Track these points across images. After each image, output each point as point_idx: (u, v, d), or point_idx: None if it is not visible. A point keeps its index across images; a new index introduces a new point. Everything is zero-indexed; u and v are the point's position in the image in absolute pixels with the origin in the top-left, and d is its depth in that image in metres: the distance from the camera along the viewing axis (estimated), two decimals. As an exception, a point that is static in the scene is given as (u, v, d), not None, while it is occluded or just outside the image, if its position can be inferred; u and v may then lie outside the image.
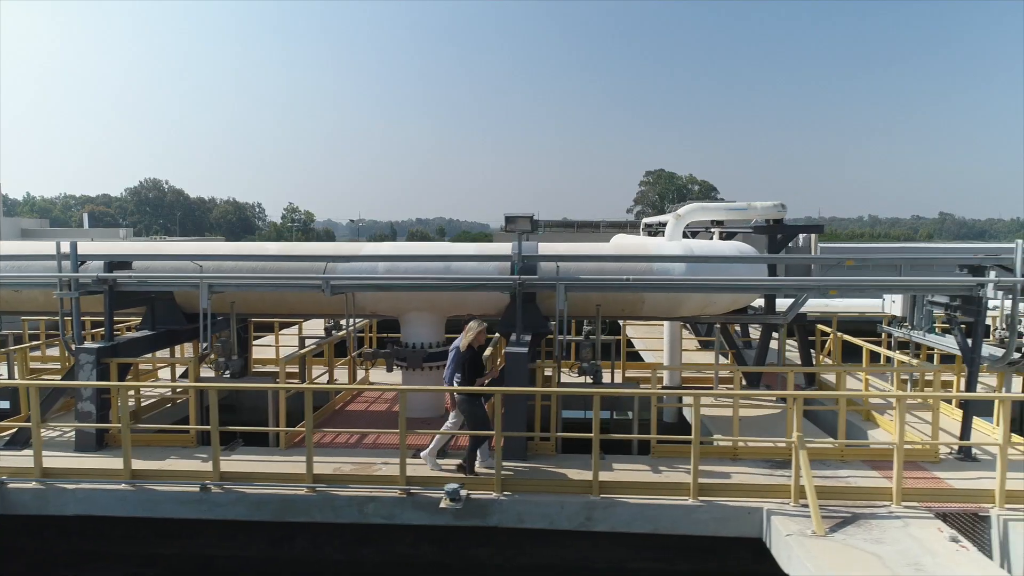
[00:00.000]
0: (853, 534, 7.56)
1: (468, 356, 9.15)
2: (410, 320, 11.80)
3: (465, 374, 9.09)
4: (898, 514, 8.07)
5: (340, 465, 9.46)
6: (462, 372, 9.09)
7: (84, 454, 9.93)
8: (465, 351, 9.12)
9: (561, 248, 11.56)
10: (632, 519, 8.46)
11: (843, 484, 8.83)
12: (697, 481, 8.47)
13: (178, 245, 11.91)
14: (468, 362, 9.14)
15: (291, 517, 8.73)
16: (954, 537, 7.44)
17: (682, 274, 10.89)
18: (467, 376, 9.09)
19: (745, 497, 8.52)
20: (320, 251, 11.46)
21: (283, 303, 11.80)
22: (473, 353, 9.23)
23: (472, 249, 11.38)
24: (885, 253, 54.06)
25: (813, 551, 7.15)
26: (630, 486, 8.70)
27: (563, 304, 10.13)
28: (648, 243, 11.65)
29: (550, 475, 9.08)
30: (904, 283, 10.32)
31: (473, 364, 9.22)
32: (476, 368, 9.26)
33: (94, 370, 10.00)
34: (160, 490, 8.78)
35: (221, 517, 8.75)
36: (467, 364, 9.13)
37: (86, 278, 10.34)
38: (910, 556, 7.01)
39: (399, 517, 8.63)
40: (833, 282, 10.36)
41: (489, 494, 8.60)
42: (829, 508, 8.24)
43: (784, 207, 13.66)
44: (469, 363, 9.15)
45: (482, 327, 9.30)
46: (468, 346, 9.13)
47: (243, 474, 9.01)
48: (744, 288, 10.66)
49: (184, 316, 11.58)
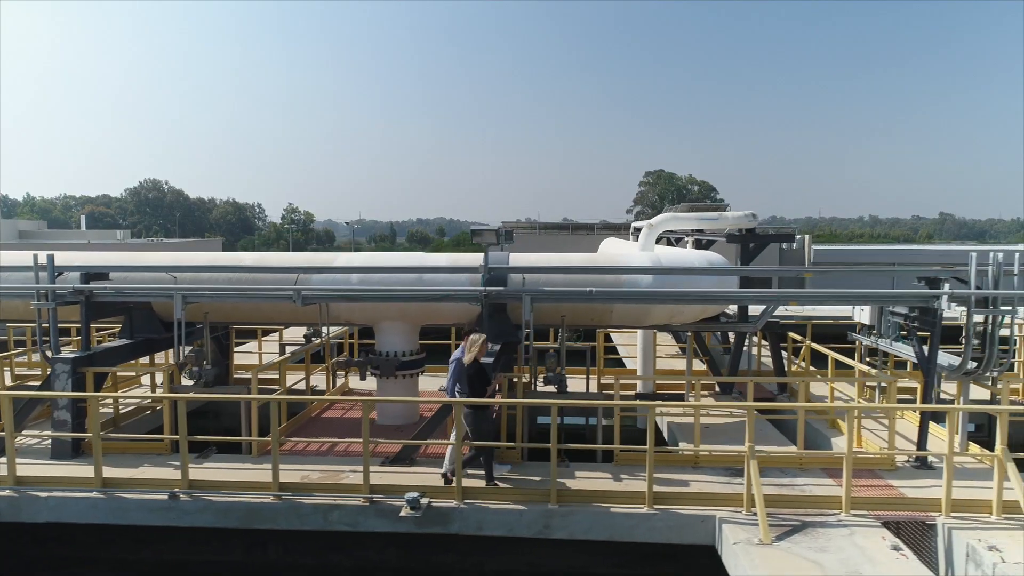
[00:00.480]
0: (799, 542, 7.77)
1: (474, 369, 9.26)
2: (383, 329, 12.01)
3: (472, 387, 9.19)
4: (846, 522, 8.27)
5: (309, 473, 9.69)
6: (468, 385, 9.19)
7: (60, 462, 10.14)
8: (470, 364, 9.24)
9: (531, 259, 11.77)
10: (589, 527, 8.67)
11: (798, 493, 9.04)
12: (652, 490, 8.67)
13: (156, 255, 12.12)
14: (474, 375, 9.25)
15: (257, 524, 8.94)
16: (896, 545, 7.65)
17: (649, 285, 11.10)
18: (474, 388, 9.18)
19: (700, 505, 8.72)
20: (294, 262, 11.69)
21: (258, 312, 12.03)
22: (479, 367, 9.34)
23: (444, 260, 11.59)
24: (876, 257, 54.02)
25: (756, 559, 7.36)
26: (588, 494, 8.91)
27: (529, 315, 10.36)
28: (620, 254, 11.85)
29: (514, 483, 9.30)
30: (862, 295, 10.52)
31: (479, 376, 9.31)
32: (482, 380, 9.34)
33: (69, 380, 10.23)
34: (130, 498, 9.00)
35: (189, 524, 8.97)
36: (474, 377, 9.23)
37: (63, 289, 10.56)
38: (850, 564, 7.22)
39: (362, 524, 8.84)
40: (792, 294, 10.56)
41: (450, 502, 8.82)
42: (780, 516, 8.45)
43: (755, 216, 13.87)
44: (475, 376, 9.25)
45: (484, 341, 9.39)
46: (473, 359, 9.25)
47: (211, 482, 9.22)
48: (704, 300, 10.87)
49: (162, 325, 11.79)
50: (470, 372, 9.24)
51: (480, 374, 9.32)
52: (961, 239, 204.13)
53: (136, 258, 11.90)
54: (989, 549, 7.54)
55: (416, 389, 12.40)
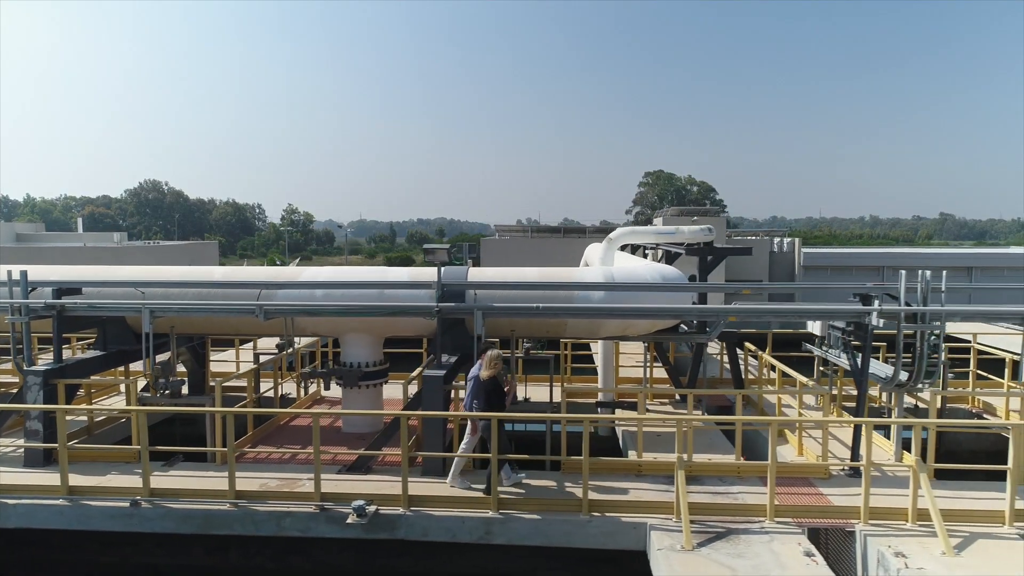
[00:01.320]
0: (719, 548, 8.23)
1: (491, 386, 9.71)
2: (348, 341, 12.49)
3: (489, 402, 9.64)
4: (768, 529, 8.73)
5: (268, 481, 10.16)
6: (486, 400, 9.64)
7: (32, 470, 10.62)
8: (486, 380, 9.69)
9: (487, 274, 12.27)
10: (528, 533, 9.13)
11: (730, 501, 9.49)
12: (588, 497, 9.14)
13: (127, 270, 12.59)
14: (491, 391, 9.70)
15: (214, 530, 9.42)
16: (809, 552, 8.11)
17: (601, 300, 11.56)
18: (491, 403, 9.63)
19: (634, 513, 9.18)
20: (260, 277, 12.13)
21: (228, 325, 12.51)
22: (495, 383, 9.77)
23: (405, 275, 12.03)
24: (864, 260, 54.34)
25: (675, 564, 7.83)
26: (527, 502, 9.38)
27: (481, 328, 10.83)
28: (573, 270, 12.32)
29: (460, 490, 9.76)
30: (798, 310, 10.97)
31: (496, 392, 9.75)
32: (499, 395, 9.79)
33: (41, 391, 10.70)
34: (94, 505, 9.49)
35: (149, 531, 9.44)
36: (492, 393, 9.68)
37: (35, 304, 11.04)
38: (761, 569, 7.68)
39: (313, 530, 9.32)
40: (732, 310, 11.00)
41: (397, 510, 9.28)
42: (708, 524, 8.91)
43: (712, 231, 14.32)
44: (492, 392, 9.70)
45: (499, 359, 9.84)
46: (491, 376, 9.69)
47: (173, 490, 9.70)
48: (646, 315, 11.31)
49: (135, 337, 12.25)
50: (488, 388, 9.67)
51: (496, 390, 9.76)
52: (961, 239, 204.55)
53: (108, 272, 12.37)
54: (896, 555, 7.99)
55: (380, 399, 12.87)
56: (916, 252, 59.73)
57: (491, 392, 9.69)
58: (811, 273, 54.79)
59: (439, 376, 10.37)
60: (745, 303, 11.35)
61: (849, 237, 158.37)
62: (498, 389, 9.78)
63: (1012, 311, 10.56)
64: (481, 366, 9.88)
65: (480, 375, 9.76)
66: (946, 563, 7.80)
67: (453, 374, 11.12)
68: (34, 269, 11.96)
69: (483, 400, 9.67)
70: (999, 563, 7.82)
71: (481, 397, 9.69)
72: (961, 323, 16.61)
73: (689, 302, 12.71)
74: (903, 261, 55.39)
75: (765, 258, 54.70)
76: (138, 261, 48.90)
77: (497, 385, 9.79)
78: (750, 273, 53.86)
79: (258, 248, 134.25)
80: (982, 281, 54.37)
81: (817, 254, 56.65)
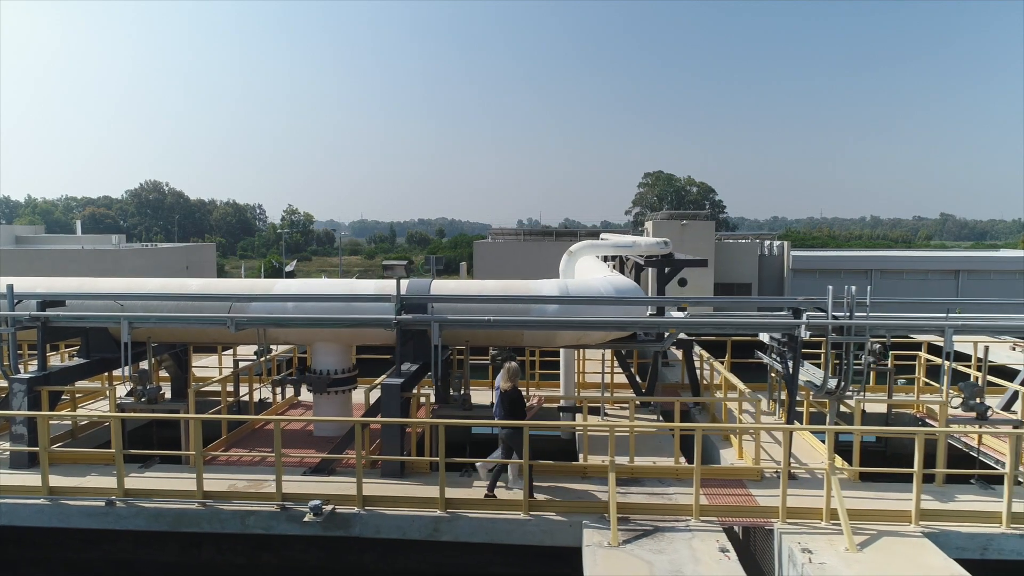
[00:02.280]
0: (643, 545, 8.94)
1: (512, 396, 10.38)
2: (317, 349, 13.23)
3: (510, 411, 10.30)
4: (693, 527, 9.44)
5: (236, 482, 10.89)
6: (507, 409, 10.29)
7: (16, 471, 11.36)
8: (508, 391, 10.37)
9: (449, 286, 12.97)
10: (472, 531, 9.86)
11: (664, 501, 10.20)
12: (528, 498, 9.87)
13: (109, 282, 13.31)
14: (512, 401, 10.36)
15: (183, 528, 10.16)
16: (724, 548, 8.81)
17: (555, 313, 12.26)
18: (512, 413, 10.29)
19: (572, 512, 9.90)
20: (234, 290, 12.85)
21: (203, 334, 13.24)
22: (515, 393, 10.44)
23: (372, 288, 12.73)
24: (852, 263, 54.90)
25: (598, 559, 8.55)
26: (473, 502, 10.10)
27: (437, 339, 11.54)
28: (530, 284, 13.03)
29: (416, 491, 10.48)
30: (735, 323, 11.67)
31: (516, 402, 10.37)
32: (518, 404, 10.43)
33: (25, 397, 11.44)
34: (72, 504, 10.23)
35: (123, 528, 10.18)
36: (514, 402, 10.35)
37: (21, 315, 11.78)
38: (676, 563, 8.39)
39: (275, 528, 10.05)
40: (671, 322, 11.72)
41: (352, 509, 10.01)
42: (639, 522, 9.63)
43: (668, 243, 15.01)
44: (512, 402, 10.35)
45: (517, 371, 10.51)
46: (512, 387, 10.37)
47: (146, 490, 10.45)
48: (592, 327, 12.01)
49: (116, 345, 12.95)
50: (509, 398, 10.33)
51: (517, 400, 10.42)
52: (962, 240, 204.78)
53: (91, 285, 13.09)
54: (803, 551, 8.70)
55: (349, 404, 13.59)
56: (903, 255, 60.32)
57: (513, 402, 10.33)
58: (800, 276, 55.52)
59: (396, 384, 11.09)
60: (688, 316, 12.04)
61: (848, 238, 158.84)
62: (519, 399, 10.42)
63: (932, 324, 11.24)
64: (501, 378, 10.53)
65: (500, 387, 10.43)
66: (846, 558, 8.51)
67: (413, 382, 11.85)
68: (20, 281, 12.71)
69: (507, 410, 10.33)
70: (895, 558, 8.53)
71: (505, 407, 10.34)
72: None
73: (643, 313, 13.46)
74: (891, 264, 56.19)
75: (754, 261, 55.45)
76: (136, 263, 49.65)
77: (518, 395, 10.42)
78: (741, 275, 54.64)
79: (258, 249, 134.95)
80: (969, 284, 55.16)
81: (806, 257, 57.34)
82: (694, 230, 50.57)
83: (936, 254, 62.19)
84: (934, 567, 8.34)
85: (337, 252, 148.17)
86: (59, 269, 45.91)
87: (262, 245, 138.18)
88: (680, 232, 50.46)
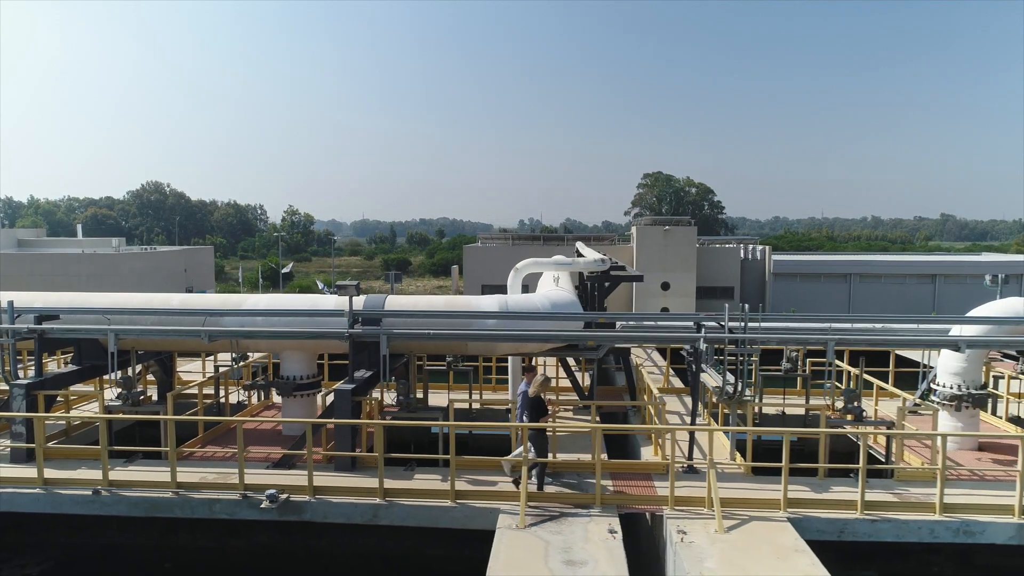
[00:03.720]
0: (546, 527, 10.52)
1: (536, 401, 11.91)
2: (284, 357, 14.85)
3: (535, 414, 11.81)
4: (593, 514, 11.01)
5: (207, 475, 12.49)
6: (531, 413, 11.78)
7: (16, 465, 12.98)
8: (533, 397, 11.89)
9: (402, 302, 14.57)
10: (406, 516, 11.46)
11: (577, 492, 11.79)
12: (455, 488, 11.47)
13: (98, 297, 14.91)
14: (535, 405, 11.84)
15: (158, 514, 11.77)
16: (612, 529, 10.40)
17: (495, 327, 13.85)
18: (534, 416, 11.78)
19: (492, 500, 11.48)
20: (209, 305, 14.47)
21: (183, 344, 14.86)
22: (538, 399, 11.95)
23: (332, 304, 14.33)
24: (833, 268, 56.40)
25: (505, 539, 10.13)
26: (408, 492, 11.70)
27: (386, 350, 13.13)
28: (472, 300, 14.66)
29: (361, 482, 12.07)
30: (643, 335, 13.26)
31: (539, 407, 11.89)
32: (541, 409, 11.91)
33: (24, 400, 13.07)
34: (63, 493, 11.85)
35: (106, 513, 11.80)
36: (537, 406, 11.83)
37: (20, 328, 13.41)
38: (568, 542, 9.97)
39: (237, 514, 11.66)
40: (593, 335, 13.31)
41: (304, 497, 11.62)
42: (549, 508, 11.21)
43: (605, 261, 16.60)
44: (536, 406, 11.83)
45: (546, 382, 12.05)
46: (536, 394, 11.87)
47: (128, 481, 12.06)
48: (520, 339, 13.61)
49: (106, 354, 14.60)
50: (533, 403, 11.85)
51: (539, 405, 11.95)
52: (962, 240, 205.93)
53: (81, 299, 14.72)
54: (679, 532, 10.29)
55: (314, 406, 15.17)
56: (882, 260, 61.71)
57: (536, 406, 11.87)
58: (781, 280, 57.07)
59: (348, 390, 12.69)
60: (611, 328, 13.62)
61: (847, 238, 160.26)
62: (541, 404, 11.98)
63: (814, 337, 12.83)
64: (527, 384, 12.04)
65: (528, 392, 11.93)
66: (713, 538, 10.09)
67: (366, 387, 13.44)
68: (19, 296, 14.36)
69: (530, 412, 11.85)
70: (753, 538, 10.11)
71: (528, 410, 11.86)
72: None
73: (579, 326, 15.04)
74: (869, 268, 57.73)
75: (737, 265, 56.97)
76: (135, 266, 51.33)
77: (541, 401, 11.98)
78: (723, 279, 56.14)
79: (259, 249, 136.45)
80: (946, 288, 56.63)
81: (786, 262, 58.90)
82: (676, 235, 52.11)
83: (913, 259, 63.57)
84: (783, 545, 9.92)
85: (337, 253, 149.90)
86: (60, 272, 47.66)
87: (263, 246, 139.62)
88: (663, 238, 52.07)
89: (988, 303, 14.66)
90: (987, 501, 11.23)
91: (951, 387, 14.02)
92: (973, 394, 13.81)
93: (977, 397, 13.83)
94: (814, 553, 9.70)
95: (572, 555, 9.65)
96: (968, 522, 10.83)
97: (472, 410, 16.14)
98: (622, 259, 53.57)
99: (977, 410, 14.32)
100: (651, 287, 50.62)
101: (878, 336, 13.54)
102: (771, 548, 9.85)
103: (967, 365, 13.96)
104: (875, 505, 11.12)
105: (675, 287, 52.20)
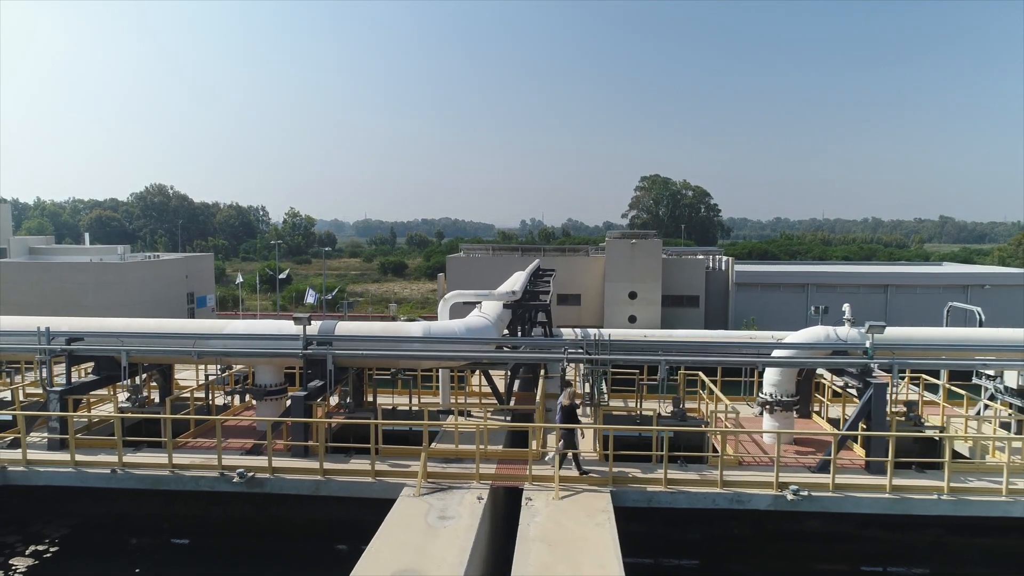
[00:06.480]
0: (435, 496, 14.70)
1: (570, 409, 15.66)
2: (257, 370, 19.14)
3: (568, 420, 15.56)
4: (473, 487, 15.21)
5: (195, 459, 16.75)
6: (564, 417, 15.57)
7: (52, 452, 17.25)
8: (567, 406, 15.74)
9: (350, 328, 18.77)
10: (339, 488, 15.71)
11: (467, 471, 15.98)
12: (375, 468, 15.70)
13: (116, 322, 19.21)
14: (570, 413, 15.56)
15: (158, 487, 16.04)
16: (480, 497, 14.59)
17: (420, 349, 18.07)
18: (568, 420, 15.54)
19: (401, 479, 15.68)
20: (199, 330, 18.74)
21: (180, 359, 19.16)
22: (571, 408, 15.81)
23: (294, 329, 18.55)
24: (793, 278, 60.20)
25: (402, 504, 14.31)
26: (342, 471, 15.93)
27: (331, 366, 17.37)
28: (402, 326, 18.92)
29: (308, 465, 16.30)
30: (521, 356, 17.45)
31: (571, 414, 15.59)
32: (572, 416, 15.68)
33: (58, 402, 17.34)
34: (89, 472, 16.14)
35: (120, 487, 16.08)
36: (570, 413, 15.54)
37: (54, 348, 17.70)
38: (446, 505, 14.15)
39: (216, 487, 15.91)
40: (487, 355, 17.53)
41: (265, 475, 15.86)
42: (441, 483, 15.41)
43: (515, 293, 20.79)
44: (569, 413, 15.56)
45: (575, 391, 16.09)
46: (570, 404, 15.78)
47: (137, 463, 16.34)
48: (436, 359, 17.84)
49: (119, 367, 18.87)
50: (567, 411, 15.66)
51: (571, 412, 15.79)
52: (959, 242, 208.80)
53: (100, 324, 19.04)
54: (527, 500, 14.49)
55: (281, 408, 19.42)
56: (837, 271, 65.73)
57: (570, 413, 15.66)
58: (743, 289, 61.10)
59: (301, 396, 16.93)
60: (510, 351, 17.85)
61: (842, 242, 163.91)
62: (573, 412, 15.81)
63: (650, 358, 17.04)
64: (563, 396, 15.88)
65: (562, 402, 15.79)
66: (548, 504, 14.29)
67: (317, 395, 17.67)
68: (53, 321, 18.64)
69: (564, 418, 15.67)
70: (575, 505, 14.29)
71: (564, 416, 15.69)
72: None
73: (491, 347, 19.22)
74: (825, 279, 61.79)
75: (702, 275, 61.05)
76: (139, 274, 55.28)
77: (573, 409, 15.81)
78: (689, 289, 60.28)
79: (260, 251, 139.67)
80: (897, 298, 60.61)
81: (748, 272, 62.90)
82: (643, 248, 56.31)
83: (867, 269, 67.53)
84: (595, 508, 14.11)
85: (337, 255, 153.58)
86: (69, 281, 51.84)
87: (264, 247, 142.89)
88: (631, 250, 56.30)
89: (802, 330, 18.83)
90: (759, 479, 15.45)
91: (768, 395, 18.25)
92: (783, 400, 18.02)
93: (786, 403, 18.03)
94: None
95: (446, 513, 13.88)
96: (740, 494, 15.06)
97: (411, 410, 20.45)
98: (594, 270, 58.23)
99: (791, 412, 18.51)
100: (619, 296, 55.15)
101: (699, 357, 17.76)
102: (586, 511, 14.05)
103: (781, 378, 18.19)
104: (675, 482, 15.36)
105: (642, 296, 56.46)
